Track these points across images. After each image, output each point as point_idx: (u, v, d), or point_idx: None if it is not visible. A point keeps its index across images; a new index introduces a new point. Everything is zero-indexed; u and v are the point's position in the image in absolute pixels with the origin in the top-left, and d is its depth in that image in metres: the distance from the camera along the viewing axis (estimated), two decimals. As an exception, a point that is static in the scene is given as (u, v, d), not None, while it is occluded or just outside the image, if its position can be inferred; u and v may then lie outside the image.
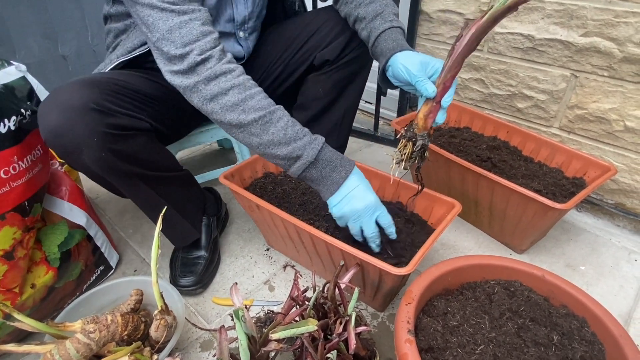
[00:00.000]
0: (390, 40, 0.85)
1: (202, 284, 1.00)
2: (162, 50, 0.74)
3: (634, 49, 0.99)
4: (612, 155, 1.13)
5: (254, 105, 0.75)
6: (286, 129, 0.76)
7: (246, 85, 0.76)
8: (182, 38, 0.72)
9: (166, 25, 0.72)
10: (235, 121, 0.75)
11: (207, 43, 0.73)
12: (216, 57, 0.74)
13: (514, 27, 1.16)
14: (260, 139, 0.77)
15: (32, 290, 0.83)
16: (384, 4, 0.90)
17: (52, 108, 0.72)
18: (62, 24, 1.50)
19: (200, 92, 0.74)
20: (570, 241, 1.15)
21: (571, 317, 0.69)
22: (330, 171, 0.79)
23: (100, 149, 0.74)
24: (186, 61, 0.73)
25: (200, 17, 0.74)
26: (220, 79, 0.74)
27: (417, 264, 0.74)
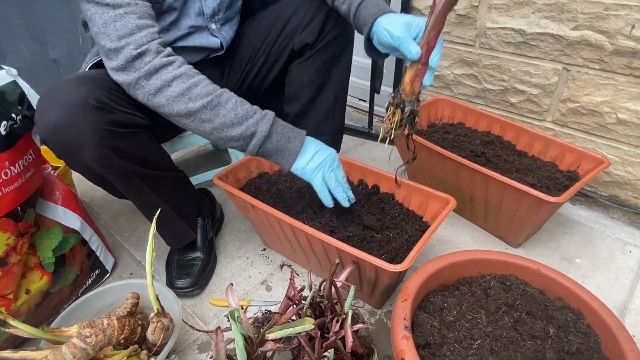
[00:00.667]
0: (371, 7, 0.81)
1: (198, 286, 1.00)
2: (100, 44, 0.74)
3: (624, 42, 1.00)
4: (605, 147, 1.14)
5: (199, 92, 0.75)
6: (236, 109, 0.77)
7: (188, 74, 0.75)
8: (116, 31, 0.72)
9: (101, 19, 0.72)
10: (184, 111, 0.75)
11: (142, 37, 0.73)
12: (153, 50, 0.74)
13: (505, 21, 1.16)
14: (213, 124, 0.77)
15: (26, 296, 0.82)
16: None
17: (51, 105, 0.71)
18: (52, 28, 1.49)
19: (143, 87, 0.74)
20: (566, 234, 1.16)
21: (567, 309, 0.70)
22: (285, 142, 0.81)
23: (101, 147, 0.73)
24: (122, 55, 0.72)
25: (136, 10, 0.73)
26: (161, 72, 0.74)
27: (412, 260, 0.74)
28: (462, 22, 1.26)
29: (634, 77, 1.02)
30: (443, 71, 1.38)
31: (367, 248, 0.86)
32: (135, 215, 1.27)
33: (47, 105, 0.71)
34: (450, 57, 1.34)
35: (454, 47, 1.31)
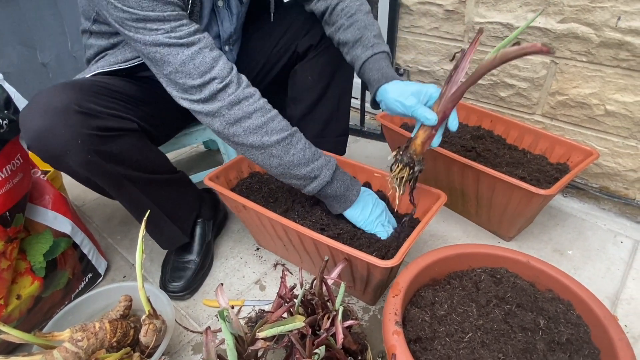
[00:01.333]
0: (375, 71, 0.87)
1: (190, 290, 1.00)
2: (177, 82, 0.74)
3: (611, 34, 1.00)
4: (595, 139, 1.15)
5: (275, 127, 0.78)
6: (305, 150, 0.80)
7: (266, 108, 0.78)
8: (197, 69, 0.73)
9: (178, 59, 0.72)
10: (257, 143, 0.78)
11: (223, 69, 0.74)
12: (235, 81, 0.76)
13: (493, 16, 1.17)
14: (281, 160, 0.79)
15: (17, 302, 0.82)
16: (362, 27, 0.90)
17: (34, 112, 0.71)
18: (40, 32, 1.48)
19: (224, 116, 0.76)
20: (557, 226, 1.16)
21: (557, 301, 0.70)
22: (344, 190, 0.86)
23: (86, 152, 0.73)
24: (206, 90, 0.74)
25: (207, 43, 0.74)
26: (243, 103, 0.76)
27: (403, 255, 0.74)
28: (450, 18, 1.26)
29: (621, 68, 1.02)
30: (433, 67, 1.38)
31: (358, 245, 0.86)
32: (128, 218, 1.27)
33: (30, 111, 0.71)
34: (439, 52, 1.34)
35: (443, 43, 1.32)
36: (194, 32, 0.73)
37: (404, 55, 1.43)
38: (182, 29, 0.71)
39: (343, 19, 0.91)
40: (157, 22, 0.70)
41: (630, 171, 1.12)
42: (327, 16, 0.95)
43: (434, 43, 1.34)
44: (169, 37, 0.70)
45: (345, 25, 0.91)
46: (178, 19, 0.71)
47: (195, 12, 0.80)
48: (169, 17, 0.70)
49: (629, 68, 1.01)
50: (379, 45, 0.89)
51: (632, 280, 1.00)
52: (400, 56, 1.44)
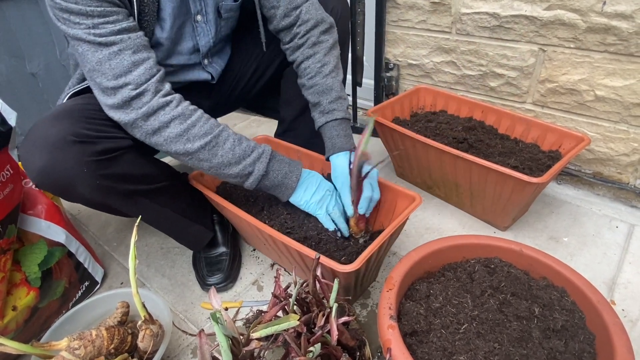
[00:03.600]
0: (327, 139, 0.94)
1: (231, 279, 1.02)
2: (95, 81, 0.73)
3: (597, 19, 1.00)
4: (586, 125, 1.15)
5: (197, 132, 0.76)
6: (233, 149, 0.79)
7: (186, 114, 0.76)
8: (112, 70, 0.71)
9: (95, 57, 0.70)
10: (181, 150, 0.77)
11: (141, 75, 0.72)
12: (152, 90, 0.73)
13: (479, 6, 1.17)
14: (210, 163, 0.79)
15: (14, 313, 0.82)
16: (319, 91, 0.93)
17: (33, 149, 0.71)
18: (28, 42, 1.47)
19: (141, 127, 0.75)
20: (552, 214, 1.16)
21: (551, 288, 0.70)
22: (282, 179, 0.85)
23: (94, 178, 0.74)
24: (119, 95, 0.72)
25: (130, 45, 0.72)
26: (158, 113, 0.74)
27: (363, 260, 0.73)
28: (437, 10, 1.26)
29: (609, 53, 1.02)
30: (422, 60, 1.38)
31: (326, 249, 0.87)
32: (124, 224, 1.27)
33: (29, 150, 0.71)
34: (428, 45, 1.34)
35: (431, 35, 1.32)
36: (118, 31, 0.71)
37: (393, 49, 1.43)
38: (106, 26, 0.70)
39: (305, 78, 0.95)
40: (80, 16, 0.68)
41: (623, 155, 1.12)
42: (294, 67, 0.98)
43: (422, 36, 1.33)
44: (89, 33, 0.69)
45: (306, 86, 0.95)
46: (103, 16, 0.69)
47: (149, 12, 0.78)
48: (92, 13, 0.68)
49: (616, 52, 1.01)
50: (333, 112, 0.93)
51: (628, 264, 1.00)
52: (390, 50, 1.44)
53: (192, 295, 1.02)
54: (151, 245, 1.18)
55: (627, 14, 0.96)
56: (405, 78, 1.46)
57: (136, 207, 0.86)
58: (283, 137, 1.18)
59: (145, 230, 1.20)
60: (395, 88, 1.50)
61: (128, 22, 0.73)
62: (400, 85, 1.49)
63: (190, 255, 1.12)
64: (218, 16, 0.92)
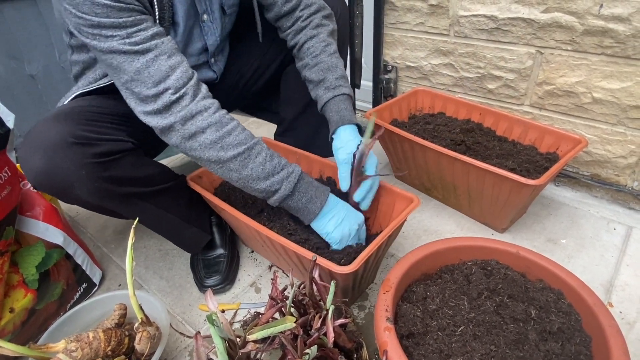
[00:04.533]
0: (334, 112, 0.92)
1: (228, 281, 1.02)
2: (132, 91, 0.73)
3: (594, 21, 1.00)
4: (584, 127, 1.15)
5: (232, 141, 0.76)
6: (264, 164, 0.78)
7: (222, 121, 0.76)
8: (151, 77, 0.71)
9: (132, 67, 0.70)
10: (214, 158, 0.76)
11: (179, 79, 0.72)
12: (190, 94, 0.73)
13: (477, 9, 1.17)
14: (240, 174, 0.78)
15: (11, 315, 0.82)
16: (325, 68, 0.93)
17: (32, 151, 0.71)
18: (27, 44, 1.48)
19: (178, 131, 0.74)
20: (550, 216, 1.16)
21: (547, 290, 0.70)
22: (306, 202, 0.83)
23: (92, 180, 0.74)
24: (160, 101, 0.72)
25: (165, 49, 0.72)
26: (196, 117, 0.74)
27: (361, 262, 0.73)
28: (435, 12, 1.26)
29: (606, 55, 1.03)
30: (420, 62, 1.38)
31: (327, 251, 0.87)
32: (122, 226, 1.27)
33: (27, 151, 0.71)
34: (426, 47, 1.34)
35: (429, 38, 1.32)
36: (151, 37, 0.71)
37: (391, 51, 1.43)
38: (139, 34, 0.70)
39: (308, 57, 0.94)
40: (112, 29, 0.68)
41: (620, 157, 1.12)
42: (295, 51, 0.98)
43: (420, 38, 1.34)
44: (124, 43, 0.69)
45: (310, 65, 0.94)
46: (134, 25, 0.69)
47: (166, 18, 0.79)
48: (124, 24, 0.68)
49: (613, 55, 1.01)
50: (340, 87, 0.93)
51: (626, 266, 1.00)
52: (388, 53, 1.44)
53: (190, 297, 1.02)
54: (149, 247, 1.18)
55: (624, 17, 0.96)
56: (404, 80, 1.46)
57: (134, 210, 0.86)
58: (283, 137, 1.19)
59: (144, 232, 1.20)
60: (394, 90, 1.50)
61: (157, 27, 0.73)
62: (399, 87, 1.49)
63: (188, 257, 1.12)
64: (222, 13, 0.93)
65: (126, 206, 0.85)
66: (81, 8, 0.66)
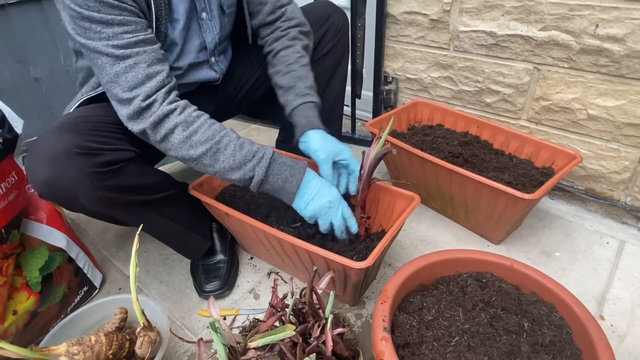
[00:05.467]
0: (303, 117, 0.95)
1: (228, 286, 1.04)
2: (112, 92, 0.76)
3: (590, 40, 1.03)
4: (579, 143, 1.17)
5: (199, 139, 0.79)
6: (234, 155, 0.80)
7: (188, 120, 0.78)
8: (127, 82, 0.74)
9: (113, 70, 0.74)
10: (187, 156, 0.79)
11: (152, 87, 0.76)
12: (159, 100, 0.77)
13: (477, 24, 1.20)
14: (214, 168, 0.81)
15: (14, 317, 0.83)
16: (297, 77, 0.97)
17: (37, 161, 0.73)
18: (32, 47, 1.49)
19: (150, 136, 0.78)
20: (545, 228, 1.19)
21: (540, 303, 0.72)
22: (282, 183, 0.84)
23: (96, 189, 0.76)
24: (132, 106, 0.75)
25: (146, 58, 0.75)
26: (164, 121, 0.77)
27: (375, 257, 0.77)
28: (435, 27, 1.29)
29: (601, 74, 1.05)
30: (420, 74, 1.41)
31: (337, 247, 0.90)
32: (123, 230, 1.28)
33: (33, 161, 0.74)
34: (426, 60, 1.37)
35: (429, 51, 1.35)
36: (134, 43, 0.74)
37: (392, 63, 1.46)
38: (124, 36, 0.73)
39: (282, 65, 0.98)
40: (101, 24, 0.71)
41: (614, 173, 1.14)
42: (269, 57, 1.02)
43: (421, 51, 1.36)
44: (107, 45, 0.72)
45: (282, 72, 0.98)
46: (122, 24, 0.72)
47: (163, 15, 0.81)
48: (112, 21, 0.71)
49: (608, 73, 1.04)
50: (309, 95, 0.97)
51: (618, 280, 1.02)
52: (389, 65, 1.47)
53: (190, 302, 1.03)
54: (150, 252, 1.19)
55: (619, 37, 0.99)
56: (404, 92, 1.49)
57: (137, 217, 0.88)
58: (284, 144, 1.20)
59: (144, 237, 1.20)
60: (394, 101, 1.52)
61: (145, 34, 0.76)
62: (399, 99, 1.52)
63: (188, 262, 1.13)
64: (221, 12, 0.95)
65: (130, 214, 0.87)
66: (76, 0, 0.69)
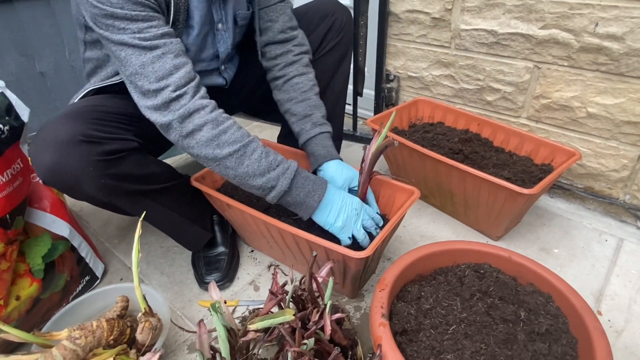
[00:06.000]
0: (321, 147, 0.97)
1: (228, 278, 1.04)
2: (136, 84, 0.75)
3: (590, 39, 1.04)
4: (578, 141, 1.18)
5: (227, 139, 0.78)
6: (260, 161, 0.80)
7: (219, 120, 0.78)
8: (155, 73, 0.74)
9: (139, 61, 0.73)
10: (210, 155, 0.78)
11: (181, 78, 0.75)
12: (190, 93, 0.76)
13: (478, 23, 1.21)
14: (236, 172, 0.80)
15: (17, 302, 0.84)
16: (313, 106, 0.98)
17: (42, 148, 0.74)
18: (38, 41, 1.51)
19: (176, 129, 0.77)
20: (544, 226, 1.19)
21: (537, 293, 0.73)
22: (304, 197, 0.84)
23: (99, 177, 0.77)
24: (160, 97, 0.75)
25: (172, 49, 0.75)
26: (194, 116, 0.76)
27: (375, 247, 0.78)
28: (437, 25, 1.30)
29: (601, 72, 1.06)
30: (422, 72, 1.42)
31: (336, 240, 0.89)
32: (125, 222, 1.29)
33: (38, 147, 0.74)
34: (427, 59, 1.38)
35: (431, 49, 1.36)
36: (161, 35, 0.74)
37: (394, 61, 1.47)
38: (150, 30, 0.73)
39: (297, 92, 0.99)
40: (125, 21, 0.71)
41: (613, 171, 1.15)
42: (280, 82, 1.01)
43: (423, 49, 1.38)
44: (134, 37, 0.72)
45: (298, 99, 0.99)
46: (147, 20, 0.72)
47: (181, 20, 0.82)
48: (137, 17, 0.71)
49: (607, 72, 1.05)
50: (325, 125, 0.99)
51: (615, 277, 1.03)
52: (390, 63, 1.48)
53: (190, 293, 1.04)
54: (151, 243, 1.20)
55: (618, 36, 1.00)
56: (405, 90, 1.50)
57: (139, 207, 0.89)
58: (286, 141, 1.21)
59: (146, 228, 1.22)
60: (395, 99, 1.54)
61: (168, 28, 0.76)
62: (400, 97, 1.53)
63: (189, 254, 1.14)
64: (235, 24, 0.97)
65: (132, 203, 0.88)
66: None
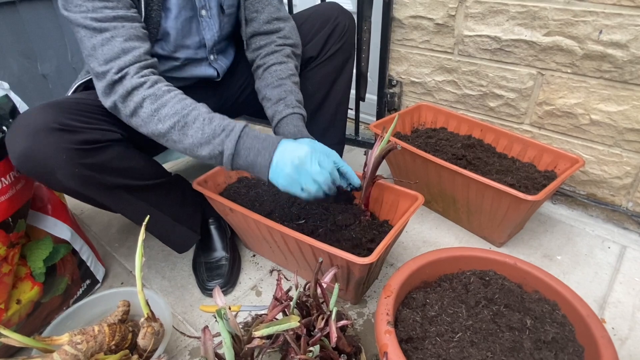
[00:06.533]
0: (292, 126, 0.94)
1: (230, 284, 1.04)
2: (90, 66, 0.77)
3: (593, 46, 1.04)
4: (581, 147, 1.18)
5: (167, 112, 0.76)
6: (203, 129, 0.76)
7: (157, 94, 0.76)
8: (103, 55, 0.75)
9: (90, 43, 0.75)
10: (156, 131, 0.77)
11: (126, 61, 0.75)
12: (131, 73, 0.76)
13: (481, 29, 1.21)
14: (183, 144, 0.78)
15: (17, 306, 0.83)
16: (288, 91, 0.98)
17: (17, 135, 0.74)
18: (40, 44, 1.51)
19: (121, 110, 0.77)
20: (547, 232, 1.19)
21: (543, 301, 0.73)
22: (254, 156, 0.78)
23: (72, 165, 0.75)
24: (105, 79, 0.75)
25: (123, 33, 0.76)
26: (133, 93, 0.76)
27: (380, 253, 0.77)
28: (440, 31, 1.30)
29: (604, 79, 1.07)
30: (424, 78, 1.42)
31: (340, 245, 0.89)
32: (126, 226, 1.29)
33: (13, 134, 0.74)
34: (430, 64, 1.38)
35: (434, 55, 1.36)
36: (113, 17, 0.75)
37: (397, 67, 1.47)
38: (104, 11, 0.74)
39: (274, 78, 0.98)
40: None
41: (616, 178, 1.15)
42: (260, 71, 1.01)
43: (426, 55, 1.38)
44: (86, 17, 0.73)
45: (274, 85, 0.98)
46: (103, 0, 0.74)
47: (155, 1, 0.82)
48: None
49: (611, 79, 1.05)
50: (298, 108, 0.97)
51: (619, 284, 1.02)
52: (393, 68, 1.48)
53: (192, 297, 1.03)
54: (152, 247, 1.19)
55: (622, 43, 1.00)
56: (408, 95, 1.50)
57: (119, 202, 0.87)
58: None
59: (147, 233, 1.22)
60: (398, 104, 1.54)
61: (126, 11, 0.76)
62: (403, 102, 1.53)
63: (190, 258, 1.13)
64: (221, 12, 0.96)
65: (111, 197, 0.85)
66: None
